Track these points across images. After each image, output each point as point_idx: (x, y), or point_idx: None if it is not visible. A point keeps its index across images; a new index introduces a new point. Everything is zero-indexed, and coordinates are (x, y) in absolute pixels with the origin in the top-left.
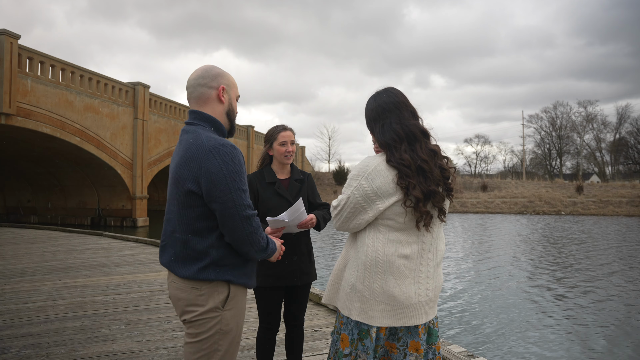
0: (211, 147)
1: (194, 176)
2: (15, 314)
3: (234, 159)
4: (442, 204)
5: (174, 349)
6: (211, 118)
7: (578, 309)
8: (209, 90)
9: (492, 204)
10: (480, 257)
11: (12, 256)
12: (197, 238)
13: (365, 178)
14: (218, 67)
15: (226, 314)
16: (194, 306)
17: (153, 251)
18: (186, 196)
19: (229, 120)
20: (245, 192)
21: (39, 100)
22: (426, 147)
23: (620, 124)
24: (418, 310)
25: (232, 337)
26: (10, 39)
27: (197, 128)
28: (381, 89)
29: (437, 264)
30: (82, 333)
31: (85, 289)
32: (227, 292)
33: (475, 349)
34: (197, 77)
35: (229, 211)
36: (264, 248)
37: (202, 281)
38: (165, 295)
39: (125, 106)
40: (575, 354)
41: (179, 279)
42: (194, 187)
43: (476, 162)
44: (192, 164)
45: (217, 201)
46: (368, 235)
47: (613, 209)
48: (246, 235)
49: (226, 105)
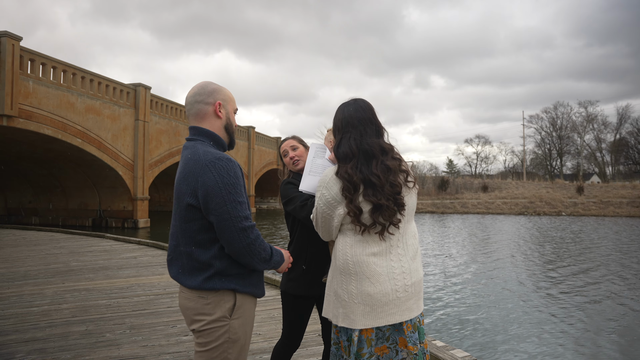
0: (207, 161)
1: (192, 190)
2: (20, 318)
3: (229, 172)
4: (393, 217)
5: (179, 353)
6: (210, 132)
7: (580, 311)
8: (206, 106)
9: (492, 205)
10: (481, 258)
11: (14, 259)
12: (200, 250)
13: (325, 187)
14: (214, 83)
15: (234, 322)
16: (202, 315)
17: (155, 253)
18: (186, 210)
19: (228, 134)
20: (242, 204)
21: (40, 101)
22: (382, 163)
23: (621, 124)
24: (399, 307)
25: (241, 346)
26: (12, 40)
27: (196, 143)
28: (351, 100)
29: (412, 258)
30: (87, 338)
31: (88, 292)
32: (233, 301)
33: (479, 353)
34: (194, 95)
35: (225, 223)
36: (267, 259)
37: (209, 290)
38: (168, 298)
39: (126, 107)
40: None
41: (187, 289)
42: (193, 200)
43: (476, 162)
44: (190, 179)
45: (213, 213)
46: (338, 241)
47: (614, 209)
48: (243, 247)
49: (224, 120)
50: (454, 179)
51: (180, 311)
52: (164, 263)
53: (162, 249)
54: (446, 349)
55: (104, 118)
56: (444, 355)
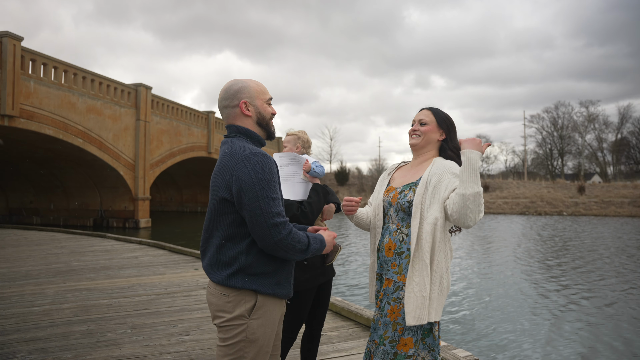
0: (243, 156)
1: (227, 183)
2: (21, 318)
3: (264, 167)
4: None
5: (180, 353)
6: (244, 129)
7: (581, 311)
8: (233, 109)
9: (494, 205)
10: (482, 257)
11: (16, 258)
12: (230, 244)
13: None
14: (239, 81)
15: (252, 322)
16: (223, 312)
17: (156, 253)
18: (220, 203)
19: (261, 128)
20: (275, 200)
21: (41, 102)
22: None
23: (622, 124)
24: None
25: (259, 347)
26: (14, 41)
27: (233, 139)
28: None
29: None
30: (89, 337)
31: (90, 292)
32: (254, 302)
33: (479, 353)
34: (221, 100)
35: (257, 219)
36: (304, 250)
37: (230, 288)
38: (169, 298)
39: (127, 107)
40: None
41: (212, 284)
42: (227, 194)
43: None
44: (225, 172)
45: (245, 209)
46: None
47: (615, 209)
48: (275, 242)
49: (254, 116)
50: None
51: (180, 311)
52: (165, 263)
53: (163, 249)
54: (448, 348)
55: (105, 118)
56: (446, 354)
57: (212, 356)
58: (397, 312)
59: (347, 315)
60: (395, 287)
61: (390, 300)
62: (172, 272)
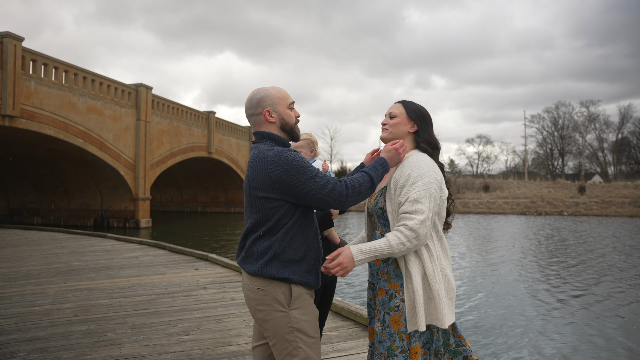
0: (273, 157)
1: (266, 185)
2: (21, 318)
3: (295, 159)
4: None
5: (180, 353)
6: (269, 134)
7: (583, 311)
8: (258, 117)
9: (494, 205)
10: (482, 257)
11: (16, 258)
12: (268, 235)
13: (434, 171)
14: (261, 90)
15: (294, 312)
16: (262, 305)
17: (157, 253)
18: (259, 200)
19: (285, 132)
20: (316, 176)
21: (42, 102)
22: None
23: (623, 124)
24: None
25: (307, 335)
26: (14, 41)
27: (260, 144)
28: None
29: None
30: (89, 337)
31: (90, 292)
32: (289, 293)
33: (480, 353)
34: (246, 109)
35: (315, 199)
36: (373, 182)
37: (266, 280)
38: (170, 298)
39: (127, 107)
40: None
41: (248, 279)
42: (268, 194)
43: (478, 162)
44: (261, 175)
45: (301, 199)
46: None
47: (616, 209)
48: (344, 201)
49: (277, 122)
50: (455, 179)
51: (181, 311)
52: (165, 263)
53: (164, 249)
54: None
55: (105, 118)
56: None
57: (212, 356)
58: (398, 320)
59: (347, 315)
60: (389, 296)
61: (388, 310)
62: (172, 272)
